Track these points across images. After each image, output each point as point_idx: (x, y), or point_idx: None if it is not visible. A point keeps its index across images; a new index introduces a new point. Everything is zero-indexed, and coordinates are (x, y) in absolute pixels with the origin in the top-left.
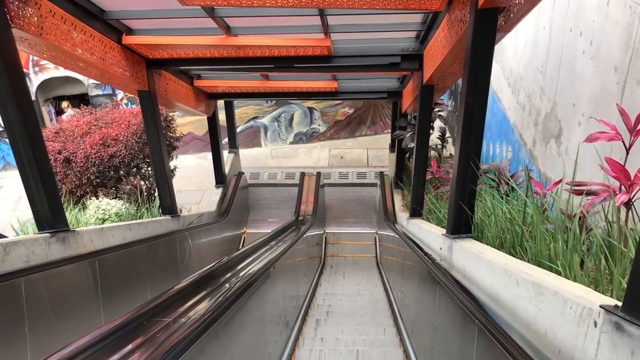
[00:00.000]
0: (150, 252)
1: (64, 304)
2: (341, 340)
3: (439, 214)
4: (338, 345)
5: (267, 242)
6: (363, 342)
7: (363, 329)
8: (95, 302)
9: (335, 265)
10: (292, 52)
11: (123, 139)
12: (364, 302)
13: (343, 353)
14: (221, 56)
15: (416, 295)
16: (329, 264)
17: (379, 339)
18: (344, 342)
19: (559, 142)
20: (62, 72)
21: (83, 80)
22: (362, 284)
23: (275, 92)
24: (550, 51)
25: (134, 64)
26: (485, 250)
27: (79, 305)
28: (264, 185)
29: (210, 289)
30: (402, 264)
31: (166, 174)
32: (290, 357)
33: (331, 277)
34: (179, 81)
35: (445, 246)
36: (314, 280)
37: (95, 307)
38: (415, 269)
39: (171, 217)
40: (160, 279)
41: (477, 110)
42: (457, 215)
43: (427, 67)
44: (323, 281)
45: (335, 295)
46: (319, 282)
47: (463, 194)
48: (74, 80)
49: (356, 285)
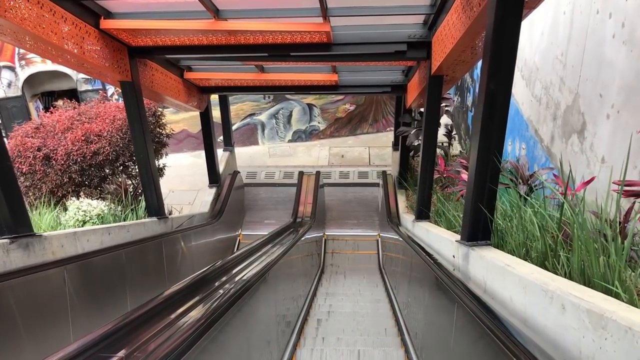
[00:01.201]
0: (132, 258)
1: (25, 322)
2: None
3: (449, 216)
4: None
5: (259, 247)
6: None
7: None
8: (63, 318)
9: (335, 270)
10: (288, 39)
11: (107, 135)
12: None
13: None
14: (210, 44)
15: (426, 310)
16: (329, 270)
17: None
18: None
19: (582, 138)
20: (49, 66)
21: (72, 74)
22: (363, 291)
23: (271, 86)
24: (571, 38)
25: (114, 52)
26: (514, 263)
27: (43, 323)
28: (260, 185)
29: (183, 309)
30: (408, 272)
31: (152, 172)
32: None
33: (331, 283)
34: (167, 73)
35: (460, 254)
36: (312, 287)
37: (63, 324)
38: (424, 279)
39: (158, 219)
40: (143, 288)
41: (500, 98)
42: (474, 219)
43: (435, 55)
44: (324, 281)
45: (335, 296)
46: (318, 287)
47: (481, 195)
48: (63, 74)
49: (357, 294)
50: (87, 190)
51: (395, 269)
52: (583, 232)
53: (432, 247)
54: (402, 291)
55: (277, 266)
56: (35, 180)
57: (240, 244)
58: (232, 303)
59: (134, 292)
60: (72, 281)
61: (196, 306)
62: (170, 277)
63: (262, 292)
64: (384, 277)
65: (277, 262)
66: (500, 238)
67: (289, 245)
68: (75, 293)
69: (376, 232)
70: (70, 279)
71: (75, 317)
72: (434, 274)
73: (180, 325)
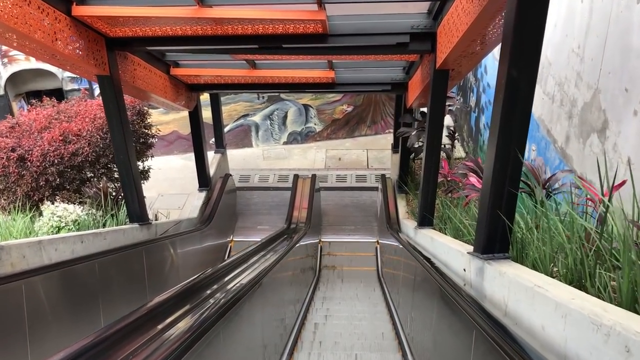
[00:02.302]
0: (108, 269)
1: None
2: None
3: (456, 223)
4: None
5: (249, 256)
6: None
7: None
8: (20, 341)
9: (332, 279)
10: (280, 29)
11: (87, 135)
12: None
13: None
14: (195, 35)
15: (435, 334)
16: (325, 278)
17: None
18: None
19: (604, 137)
20: (33, 63)
21: (57, 73)
22: (363, 302)
23: (264, 84)
24: (591, 28)
25: (89, 43)
26: (546, 284)
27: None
28: (254, 188)
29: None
30: (411, 287)
31: (133, 174)
32: None
33: (327, 292)
34: (151, 68)
35: (473, 268)
36: (307, 296)
37: (19, 348)
38: (431, 297)
39: (140, 225)
40: (120, 302)
41: (524, 86)
42: (490, 228)
43: (441, 47)
44: (319, 289)
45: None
46: (313, 297)
47: (499, 201)
48: (47, 73)
49: (354, 304)
50: (65, 194)
51: (396, 276)
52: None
53: (437, 257)
54: (405, 307)
55: (269, 276)
56: (9, 183)
57: (232, 251)
58: (200, 335)
59: (108, 308)
60: (33, 297)
61: (165, 331)
62: (152, 289)
63: (251, 307)
64: (383, 287)
65: (270, 270)
66: (519, 250)
67: (279, 257)
68: (36, 311)
69: (375, 238)
70: (31, 295)
71: (35, 339)
72: (443, 291)
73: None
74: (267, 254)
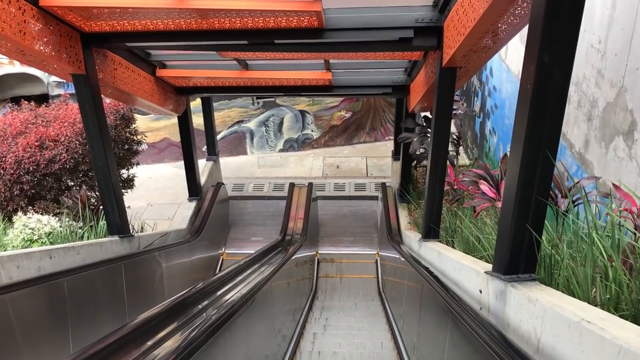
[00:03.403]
0: (81, 287)
1: None
2: None
3: (468, 236)
4: None
5: (236, 274)
6: None
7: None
8: None
9: (330, 296)
10: (272, 23)
11: (64, 140)
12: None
13: None
14: (179, 29)
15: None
16: (321, 296)
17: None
18: None
19: (631, 141)
20: (18, 68)
21: (43, 78)
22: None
23: (257, 87)
24: (614, 20)
25: (62, 38)
26: (597, 319)
27: None
28: (248, 198)
29: None
30: (417, 307)
31: (113, 182)
32: None
33: (323, 313)
34: (135, 69)
35: (492, 290)
36: (302, 315)
37: None
38: (441, 323)
39: (120, 237)
40: (94, 325)
41: (559, 75)
42: (515, 244)
43: (448, 42)
44: (315, 309)
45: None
46: (308, 319)
47: (526, 212)
48: (33, 77)
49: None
50: (42, 204)
51: (399, 292)
52: None
53: (446, 274)
54: (410, 330)
55: (257, 303)
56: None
57: (224, 264)
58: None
59: (79, 333)
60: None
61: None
62: (133, 308)
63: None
64: (384, 302)
65: (253, 295)
66: (547, 270)
67: (269, 274)
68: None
69: (375, 250)
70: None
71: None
72: (457, 317)
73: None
74: (255, 272)
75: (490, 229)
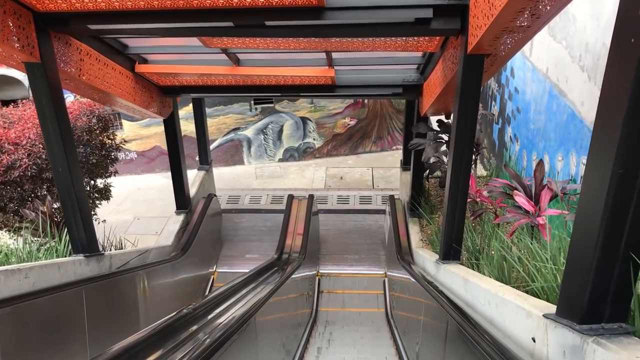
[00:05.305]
0: (25, 319)
1: None
2: None
3: (507, 258)
4: None
5: (219, 301)
6: None
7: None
8: None
9: (331, 322)
10: (261, 1)
11: (26, 144)
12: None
13: None
14: (151, 8)
15: None
16: (322, 323)
17: None
18: None
19: None
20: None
21: (24, 80)
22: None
23: (252, 86)
24: None
25: (8, 16)
26: None
27: None
28: (243, 211)
29: None
30: (433, 348)
31: (76, 192)
32: None
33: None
34: (108, 62)
35: (556, 344)
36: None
37: None
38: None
39: (85, 257)
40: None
41: None
42: (597, 281)
43: (475, 22)
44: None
45: None
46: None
47: (617, 236)
48: (14, 80)
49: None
50: (1, 217)
51: (414, 331)
52: None
53: (475, 308)
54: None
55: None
56: None
57: (215, 283)
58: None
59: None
60: None
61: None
62: (95, 342)
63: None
64: (392, 330)
65: (231, 335)
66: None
67: (256, 307)
68: None
69: (382, 270)
70: None
71: None
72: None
73: None
74: (242, 298)
75: (536, 253)
